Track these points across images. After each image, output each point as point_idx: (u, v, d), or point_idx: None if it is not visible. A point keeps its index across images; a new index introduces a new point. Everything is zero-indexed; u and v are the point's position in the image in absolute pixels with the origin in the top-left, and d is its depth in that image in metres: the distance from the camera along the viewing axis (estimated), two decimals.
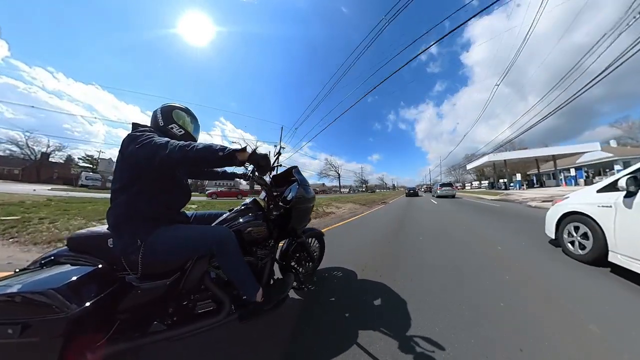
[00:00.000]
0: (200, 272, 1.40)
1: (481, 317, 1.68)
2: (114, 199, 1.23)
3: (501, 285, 2.21)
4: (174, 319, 1.35)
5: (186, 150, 1.08)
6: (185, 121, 1.50)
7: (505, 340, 1.43)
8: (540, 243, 3.61)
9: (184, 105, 1.54)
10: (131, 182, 1.22)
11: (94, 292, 1.04)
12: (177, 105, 1.50)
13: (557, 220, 3.19)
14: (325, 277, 2.52)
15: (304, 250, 2.27)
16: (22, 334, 0.87)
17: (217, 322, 1.36)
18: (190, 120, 1.54)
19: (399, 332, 1.53)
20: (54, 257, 1.22)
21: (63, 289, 0.96)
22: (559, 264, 2.77)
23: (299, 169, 2.06)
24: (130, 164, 1.21)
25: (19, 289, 0.94)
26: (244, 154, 1.17)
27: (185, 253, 1.33)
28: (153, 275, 1.27)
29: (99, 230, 1.31)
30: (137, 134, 1.18)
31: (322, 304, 1.95)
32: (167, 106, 1.47)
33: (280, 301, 1.57)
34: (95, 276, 1.10)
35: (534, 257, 3.04)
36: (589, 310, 1.76)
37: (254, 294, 1.43)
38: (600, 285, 2.18)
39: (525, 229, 4.79)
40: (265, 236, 1.65)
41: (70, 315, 0.92)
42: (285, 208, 1.79)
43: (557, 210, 3.23)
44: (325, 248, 2.65)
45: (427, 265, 2.81)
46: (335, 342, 1.47)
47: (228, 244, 1.35)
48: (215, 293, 1.42)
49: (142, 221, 1.24)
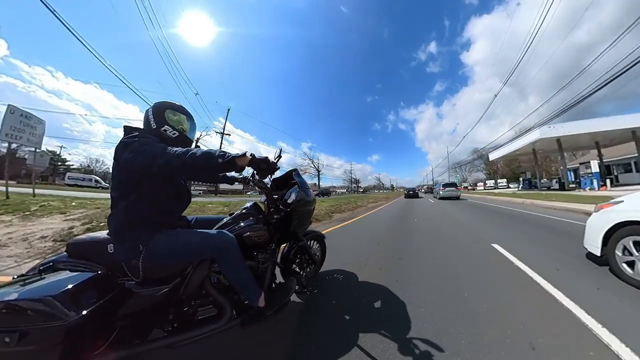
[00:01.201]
0: (201, 277, 1.38)
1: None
2: (114, 206, 1.22)
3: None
4: (175, 325, 1.33)
5: (185, 158, 1.06)
6: (179, 121, 1.41)
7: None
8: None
9: (177, 103, 1.45)
10: (130, 189, 1.21)
11: (93, 299, 1.03)
12: (169, 104, 1.41)
13: (606, 231, 2.41)
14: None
15: (305, 253, 2.25)
16: (19, 342, 0.85)
17: (219, 328, 1.34)
18: (185, 120, 1.44)
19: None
20: (53, 263, 1.21)
21: (61, 297, 0.94)
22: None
23: (299, 171, 2.06)
24: (127, 171, 1.19)
25: (17, 296, 0.92)
26: (244, 159, 1.16)
27: (186, 258, 1.32)
28: (154, 280, 1.25)
29: (98, 236, 1.30)
30: (130, 140, 1.15)
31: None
32: (159, 106, 1.38)
33: (282, 306, 1.55)
34: (95, 282, 1.09)
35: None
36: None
37: (256, 298, 1.41)
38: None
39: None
40: (266, 240, 1.63)
41: (68, 323, 0.91)
42: (285, 211, 1.77)
43: (605, 219, 2.46)
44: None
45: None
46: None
47: (229, 248, 1.33)
48: (216, 298, 1.40)
49: (144, 226, 1.23)
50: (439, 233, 4.93)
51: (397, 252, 3.50)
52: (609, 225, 2.39)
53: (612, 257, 2.34)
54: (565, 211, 7.58)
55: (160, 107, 1.38)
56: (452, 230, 5.16)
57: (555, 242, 3.82)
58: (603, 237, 2.44)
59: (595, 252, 2.53)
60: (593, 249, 2.58)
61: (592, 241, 2.58)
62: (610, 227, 2.38)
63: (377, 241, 4.29)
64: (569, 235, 4.21)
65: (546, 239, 4.09)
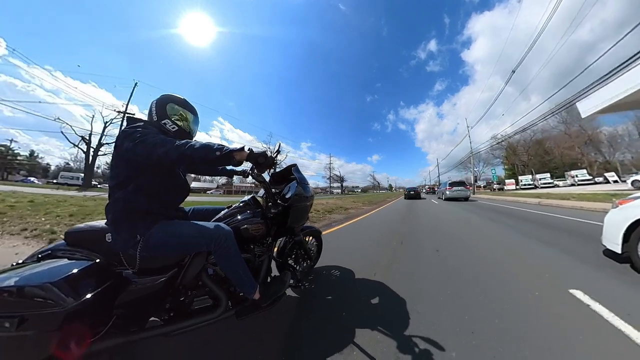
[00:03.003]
0: (198, 269, 1.40)
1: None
2: (112, 195, 1.23)
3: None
4: (171, 314, 1.36)
5: (183, 149, 1.07)
6: (181, 115, 1.43)
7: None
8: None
9: (181, 97, 1.45)
10: (128, 179, 1.22)
11: (90, 287, 1.04)
12: (172, 97, 1.43)
13: (627, 228, 2.38)
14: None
15: (301, 248, 2.28)
16: (18, 327, 0.87)
17: (214, 319, 1.36)
18: (186, 114, 1.46)
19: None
20: (51, 251, 1.22)
21: (60, 283, 0.96)
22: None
23: (298, 167, 2.07)
24: (126, 161, 1.20)
25: (16, 282, 0.93)
26: (242, 154, 1.17)
27: (183, 249, 1.34)
28: (150, 270, 1.27)
29: (96, 225, 1.31)
30: (132, 130, 1.17)
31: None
32: (163, 99, 1.40)
33: (277, 299, 1.58)
34: (93, 271, 1.10)
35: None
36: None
37: (251, 291, 1.43)
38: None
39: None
40: (263, 234, 1.65)
41: (66, 310, 0.93)
42: (283, 206, 1.79)
43: (625, 215, 2.43)
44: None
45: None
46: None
47: (226, 241, 1.35)
48: (212, 289, 1.42)
49: (141, 216, 1.24)
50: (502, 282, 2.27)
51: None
52: (630, 221, 2.36)
53: (635, 254, 2.30)
54: None
55: (164, 100, 1.40)
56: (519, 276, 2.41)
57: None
58: (624, 233, 2.40)
59: (616, 250, 2.49)
60: (613, 247, 2.53)
61: (612, 238, 2.54)
62: (631, 223, 2.35)
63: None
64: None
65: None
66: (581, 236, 4.09)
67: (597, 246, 3.10)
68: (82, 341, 1.02)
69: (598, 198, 10.27)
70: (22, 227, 3.91)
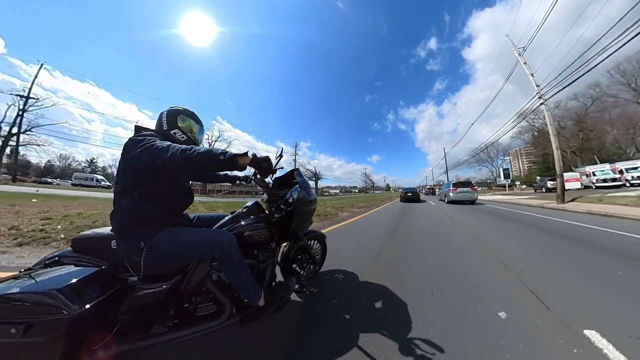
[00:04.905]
0: (202, 275, 1.40)
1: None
2: (117, 202, 1.25)
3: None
4: (175, 321, 1.35)
5: (188, 153, 1.09)
6: (190, 126, 1.52)
7: None
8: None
9: (190, 110, 1.55)
10: (134, 186, 1.23)
11: (96, 293, 1.05)
12: (183, 110, 1.52)
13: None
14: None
15: (305, 253, 2.27)
16: (25, 333, 0.87)
17: (218, 325, 1.35)
18: (195, 125, 1.55)
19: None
20: (58, 257, 1.24)
21: (66, 290, 0.96)
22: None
23: (300, 171, 2.07)
24: (132, 168, 1.22)
25: (23, 288, 0.95)
26: (245, 159, 1.18)
27: (186, 256, 1.34)
28: (155, 277, 1.27)
29: (102, 232, 1.33)
30: (139, 138, 1.20)
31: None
32: (173, 110, 1.49)
33: (282, 305, 1.57)
34: (98, 277, 1.11)
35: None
36: None
37: (255, 297, 1.42)
38: None
39: None
40: (266, 239, 1.64)
41: (72, 316, 0.93)
42: (287, 210, 1.79)
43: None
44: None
45: None
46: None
47: (229, 248, 1.35)
48: (216, 296, 1.41)
49: (146, 223, 1.25)
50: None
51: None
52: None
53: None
54: None
55: (175, 112, 1.49)
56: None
57: None
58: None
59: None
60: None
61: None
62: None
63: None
64: None
65: None
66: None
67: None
68: (87, 348, 1.02)
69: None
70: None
